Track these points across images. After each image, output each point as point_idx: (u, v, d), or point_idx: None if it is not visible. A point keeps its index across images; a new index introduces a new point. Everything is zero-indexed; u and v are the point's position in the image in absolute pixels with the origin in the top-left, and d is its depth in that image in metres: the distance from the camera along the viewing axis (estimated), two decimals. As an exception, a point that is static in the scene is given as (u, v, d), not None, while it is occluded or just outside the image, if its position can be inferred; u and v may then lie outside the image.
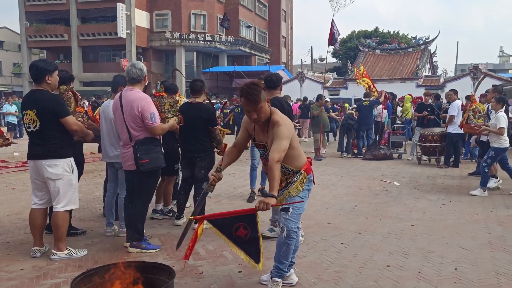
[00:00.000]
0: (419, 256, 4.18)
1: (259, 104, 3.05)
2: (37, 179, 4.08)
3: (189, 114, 4.95)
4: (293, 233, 3.27)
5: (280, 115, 3.20)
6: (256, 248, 3.11)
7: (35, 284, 3.53)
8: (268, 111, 3.16)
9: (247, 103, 3.06)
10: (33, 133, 3.98)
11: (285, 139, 3.08)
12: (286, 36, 49.74)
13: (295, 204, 3.26)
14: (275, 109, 3.25)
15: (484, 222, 5.39)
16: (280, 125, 3.10)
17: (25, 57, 37.37)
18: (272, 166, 2.99)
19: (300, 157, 3.33)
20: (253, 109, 3.07)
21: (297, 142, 3.33)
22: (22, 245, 4.48)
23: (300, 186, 3.30)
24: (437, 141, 10.09)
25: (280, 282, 3.35)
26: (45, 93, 3.99)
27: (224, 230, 3.09)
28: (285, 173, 3.27)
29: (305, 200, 3.37)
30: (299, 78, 31.52)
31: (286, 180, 3.31)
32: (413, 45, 34.16)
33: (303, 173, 3.32)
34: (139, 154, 4.05)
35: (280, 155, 3.03)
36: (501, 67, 47.84)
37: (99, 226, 5.16)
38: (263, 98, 3.09)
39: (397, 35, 49.02)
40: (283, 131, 3.08)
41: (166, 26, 36.69)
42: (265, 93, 3.17)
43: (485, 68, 26.91)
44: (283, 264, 3.33)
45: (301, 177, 3.30)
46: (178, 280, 3.48)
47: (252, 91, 3.03)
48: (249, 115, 3.14)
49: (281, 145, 3.05)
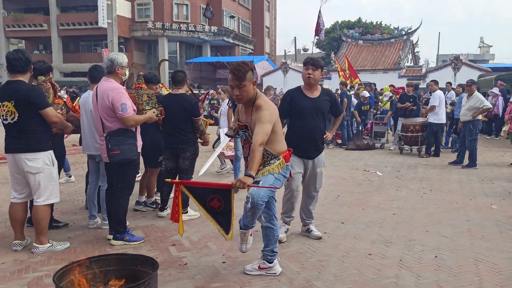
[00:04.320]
0: (400, 244, 4.25)
1: (243, 82, 3.16)
2: (17, 173, 4.00)
3: (172, 105, 4.91)
4: (259, 204, 3.23)
5: (264, 99, 3.28)
6: (227, 220, 3.26)
7: (17, 278, 3.48)
8: (252, 93, 3.25)
9: (232, 78, 3.18)
10: (11, 125, 3.88)
11: (268, 123, 3.17)
12: (269, 26, 49.54)
13: (267, 180, 3.28)
14: (262, 94, 3.33)
15: (463, 210, 5.51)
16: (263, 109, 3.18)
17: (3, 47, 36.36)
18: (254, 148, 3.08)
19: (281, 143, 3.39)
20: (236, 85, 3.18)
21: (280, 128, 3.40)
22: (2, 238, 4.42)
23: (276, 168, 3.33)
24: (418, 131, 10.23)
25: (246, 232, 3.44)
26: (23, 83, 3.90)
27: (199, 198, 3.29)
28: (264, 155, 3.31)
29: (279, 181, 3.40)
30: (282, 69, 31.45)
31: (264, 163, 3.35)
32: (396, 35, 34.33)
33: (282, 158, 3.37)
34: (110, 145, 4.00)
35: (263, 138, 3.12)
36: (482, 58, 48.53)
37: (81, 218, 5.11)
38: (249, 78, 3.19)
39: (380, 25, 49.25)
40: (266, 115, 3.17)
41: (148, 16, 36.14)
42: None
43: (466, 58, 27.28)
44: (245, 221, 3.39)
45: (278, 161, 3.35)
46: (162, 272, 3.47)
47: (240, 68, 3.16)
48: (232, 91, 3.25)
49: (264, 129, 3.14)
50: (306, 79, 4.25)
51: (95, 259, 2.60)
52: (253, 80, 3.25)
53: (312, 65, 4.19)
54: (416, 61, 37.96)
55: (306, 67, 4.22)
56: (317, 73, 4.22)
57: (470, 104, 8.59)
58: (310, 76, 4.20)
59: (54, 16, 35.37)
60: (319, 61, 4.24)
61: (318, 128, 4.27)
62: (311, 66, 4.19)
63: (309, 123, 4.24)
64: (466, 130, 8.69)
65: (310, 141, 4.26)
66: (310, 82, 4.25)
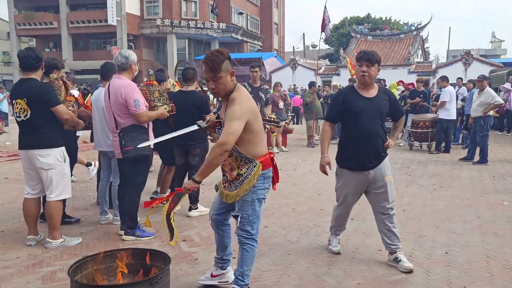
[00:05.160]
0: (410, 240, 4.25)
1: (219, 74, 2.72)
2: (30, 169, 4.07)
3: (182, 102, 4.94)
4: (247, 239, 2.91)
5: (242, 93, 2.81)
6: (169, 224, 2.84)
7: (31, 272, 3.55)
8: (231, 85, 2.81)
9: (206, 69, 2.76)
10: (24, 122, 3.95)
11: (237, 119, 2.66)
12: (278, 23, 49.43)
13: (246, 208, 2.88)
14: (241, 86, 2.89)
15: (474, 207, 5.47)
16: (236, 104, 2.70)
17: (15, 45, 36.79)
18: (213, 148, 2.65)
19: (257, 145, 2.87)
20: (211, 77, 2.75)
21: (260, 127, 2.89)
22: (17, 233, 4.49)
23: (253, 179, 2.83)
24: (428, 127, 10.17)
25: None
26: (35, 81, 3.97)
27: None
28: (237, 159, 2.85)
29: (261, 202, 2.93)
30: (291, 65, 31.43)
31: (238, 168, 2.86)
32: (405, 31, 34.12)
33: (258, 164, 2.84)
34: (124, 141, 4.04)
35: (227, 138, 2.62)
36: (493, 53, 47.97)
37: (93, 214, 5.17)
38: (226, 69, 2.75)
39: (389, 21, 48.91)
40: (236, 111, 2.67)
41: (157, 13, 36.27)
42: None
43: (477, 53, 27.00)
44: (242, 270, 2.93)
45: (255, 169, 2.83)
46: (173, 267, 3.51)
47: (213, 58, 2.72)
48: (207, 84, 2.84)
49: (231, 127, 2.64)
50: (360, 78, 3.63)
51: (108, 253, 2.63)
52: (230, 71, 2.79)
53: (367, 60, 3.59)
54: (426, 57, 37.65)
55: (360, 63, 3.62)
56: (373, 69, 3.59)
57: (481, 99, 8.52)
58: (364, 74, 3.59)
59: (64, 14, 35.67)
60: (374, 55, 3.61)
61: (378, 133, 3.64)
62: (365, 62, 3.59)
63: (367, 127, 3.61)
64: (477, 126, 8.62)
65: (368, 148, 3.63)
66: (365, 81, 3.62)
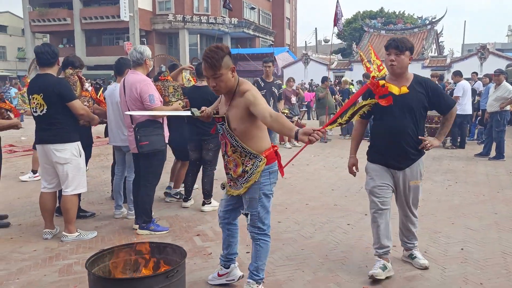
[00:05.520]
0: (425, 236, 4.21)
1: (219, 71, 2.67)
2: (46, 164, 4.12)
3: (196, 97, 4.95)
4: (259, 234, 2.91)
5: (251, 84, 2.85)
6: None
7: (48, 265, 3.60)
8: (232, 81, 2.76)
9: (206, 68, 2.71)
10: (40, 117, 4.01)
11: (262, 100, 2.70)
12: (290, 18, 49.17)
13: (255, 206, 2.87)
14: (244, 80, 2.87)
15: (490, 203, 5.40)
16: (251, 91, 2.73)
17: (29, 41, 37.26)
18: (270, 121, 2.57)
19: (262, 139, 2.86)
20: (211, 75, 2.70)
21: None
22: (33, 227, 4.56)
23: (258, 175, 2.81)
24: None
25: (253, 283, 2.94)
26: (51, 77, 4.02)
27: None
28: (241, 154, 2.83)
29: (270, 198, 2.91)
30: (303, 60, 31.27)
31: (242, 164, 2.84)
32: (419, 25, 33.70)
33: (263, 159, 2.81)
34: (139, 136, 4.07)
35: (270, 111, 2.61)
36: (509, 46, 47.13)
37: (107, 208, 5.22)
38: (226, 66, 2.69)
39: (403, 15, 48.33)
40: (257, 96, 2.71)
41: (169, 8, 36.35)
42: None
43: (493, 47, 26.56)
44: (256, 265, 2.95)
45: (261, 164, 2.80)
46: (188, 261, 3.52)
47: (212, 55, 2.67)
48: (208, 82, 2.79)
49: (265, 106, 2.65)
50: (389, 67, 3.27)
51: (124, 247, 2.66)
52: (231, 67, 2.73)
53: (395, 48, 3.20)
54: (440, 51, 37.18)
55: (388, 52, 3.25)
56: (403, 58, 3.21)
57: (497, 94, 8.40)
58: (393, 63, 3.22)
59: (77, 10, 35.97)
60: (404, 42, 3.22)
61: (406, 130, 3.26)
62: (394, 50, 3.21)
63: (393, 124, 3.27)
64: (493, 121, 8.51)
65: (395, 147, 3.30)
66: (394, 71, 3.26)
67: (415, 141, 3.31)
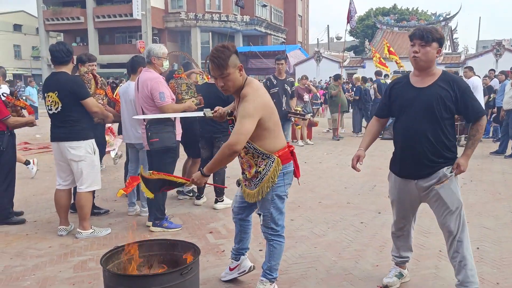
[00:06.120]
0: (439, 235, 4.11)
1: (226, 70, 2.61)
2: (61, 161, 4.17)
3: (208, 94, 4.96)
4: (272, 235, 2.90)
5: (254, 87, 2.69)
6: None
7: (63, 261, 3.64)
8: (240, 80, 2.70)
9: (212, 68, 2.65)
10: (55, 115, 4.05)
11: (249, 118, 2.55)
12: (302, 15, 48.97)
13: (267, 206, 2.84)
14: (253, 79, 2.79)
15: (507, 202, 5.32)
16: (248, 100, 2.60)
17: (43, 40, 37.71)
18: (222, 148, 2.59)
19: (275, 139, 2.76)
20: (218, 75, 2.64)
21: (275, 123, 2.76)
22: (49, 224, 4.62)
23: (272, 176, 2.75)
24: (457, 120, 9.91)
25: (266, 282, 2.94)
26: (66, 75, 4.06)
27: (152, 187, 2.87)
28: (254, 155, 2.77)
29: (284, 199, 2.86)
30: (315, 58, 31.15)
31: (256, 165, 2.78)
32: (433, 21, 33.27)
33: (276, 159, 2.74)
34: (150, 133, 4.10)
35: (236, 139, 2.54)
36: (525, 43, 46.29)
37: (121, 206, 5.26)
38: (233, 65, 2.63)
39: (416, 11, 47.84)
40: (248, 108, 2.57)
41: (181, 6, 36.49)
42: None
43: (509, 44, 26.13)
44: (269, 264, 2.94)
45: (274, 164, 2.74)
46: (201, 258, 3.52)
47: (219, 54, 2.60)
48: (216, 82, 2.73)
49: (242, 126, 2.55)
50: (412, 60, 2.81)
51: (138, 244, 2.67)
52: (238, 65, 2.67)
53: (419, 38, 2.75)
54: (454, 48, 36.72)
55: (412, 43, 2.80)
56: (428, 50, 2.73)
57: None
58: (416, 54, 2.77)
59: (91, 9, 36.29)
60: (431, 32, 2.75)
61: (423, 132, 2.76)
62: (418, 41, 2.75)
63: (410, 125, 2.82)
64: (509, 119, 8.39)
65: (411, 154, 2.84)
66: (417, 64, 2.80)
67: (437, 148, 2.78)
